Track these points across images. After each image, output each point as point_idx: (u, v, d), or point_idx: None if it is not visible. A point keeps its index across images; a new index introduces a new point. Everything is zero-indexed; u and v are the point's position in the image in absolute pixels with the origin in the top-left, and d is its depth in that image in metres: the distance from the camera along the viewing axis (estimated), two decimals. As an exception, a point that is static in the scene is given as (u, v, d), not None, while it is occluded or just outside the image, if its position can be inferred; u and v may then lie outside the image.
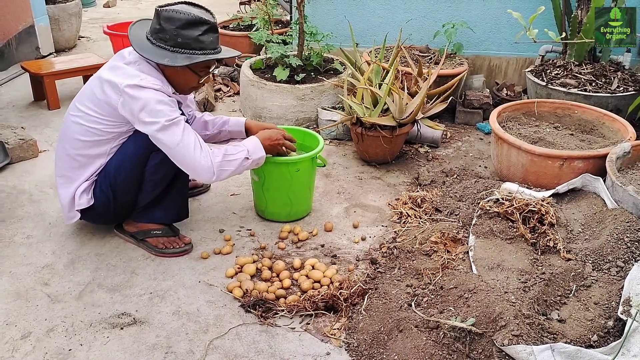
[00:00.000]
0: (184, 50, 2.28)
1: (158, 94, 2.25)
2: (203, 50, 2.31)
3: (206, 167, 2.29)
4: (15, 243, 2.62)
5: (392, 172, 3.36)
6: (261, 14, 4.62)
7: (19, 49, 5.06)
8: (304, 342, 2.09)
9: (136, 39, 2.34)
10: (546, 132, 3.17)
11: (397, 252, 2.52)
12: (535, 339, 1.85)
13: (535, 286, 2.10)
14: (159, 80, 2.30)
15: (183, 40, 2.26)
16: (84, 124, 2.37)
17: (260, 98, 3.86)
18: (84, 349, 2.03)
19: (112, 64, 2.38)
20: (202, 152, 2.29)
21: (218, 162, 2.32)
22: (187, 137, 2.26)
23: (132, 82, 2.23)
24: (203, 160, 2.28)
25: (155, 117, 2.22)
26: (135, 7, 7.99)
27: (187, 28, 2.26)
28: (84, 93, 2.43)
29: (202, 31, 2.28)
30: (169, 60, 2.26)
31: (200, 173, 2.31)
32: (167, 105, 2.25)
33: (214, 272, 2.45)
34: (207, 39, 2.30)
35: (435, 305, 2.11)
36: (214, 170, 2.31)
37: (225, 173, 2.37)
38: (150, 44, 2.32)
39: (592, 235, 2.39)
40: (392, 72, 3.31)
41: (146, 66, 2.33)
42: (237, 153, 2.39)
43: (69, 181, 2.46)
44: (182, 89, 2.44)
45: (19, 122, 3.92)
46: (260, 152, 2.47)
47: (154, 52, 2.29)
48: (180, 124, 2.26)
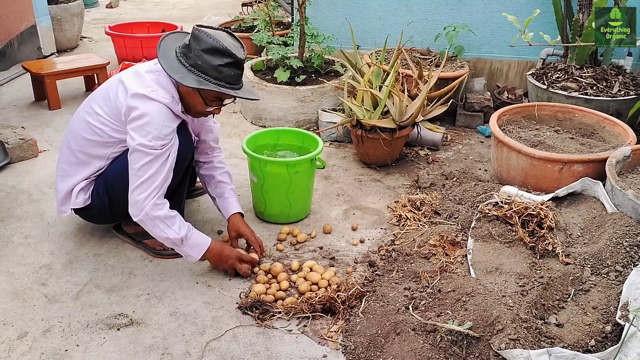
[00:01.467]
0: (199, 73, 2.20)
1: (164, 113, 2.22)
2: (218, 81, 2.21)
3: (137, 206, 2.23)
4: (13, 243, 2.62)
5: (392, 175, 3.35)
6: (262, 15, 4.62)
7: (21, 48, 5.07)
8: (300, 345, 2.08)
9: (164, 47, 2.29)
10: (546, 135, 3.16)
11: (395, 255, 2.52)
12: (533, 343, 1.84)
13: (534, 290, 2.09)
14: (170, 95, 2.26)
15: (202, 63, 2.18)
16: (90, 122, 2.36)
17: (261, 100, 3.86)
18: (80, 349, 2.03)
19: (137, 68, 2.36)
20: (142, 194, 2.21)
21: (154, 215, 2.22)
22: (142, 172, 2.20)
23: (142, 91, 2.21)
24: (138, 197, 2.21)
25: (136, 134, 2.19)
26: (138, 8, 7.99)
27: (210, 54, 2.17)
28: (99, 91, 2.42)
29: (224, 63, 2.19)
30: (181, 77, 2.20)
31: (130, 204, 2.26)
32: (160, 130, 2.19)
33: (212, 273, 2.45)
34: (226, 72, 2.21)
35: (432, 309, 2.10)
36: (141, 214, 2.23)
37: (148, 228, 2.27)
38: (174, 56, 2.27)
39: (591, 239, 2.38)
40: (393, 75, 3.31)
41: (165, 79, 2.28)
42: (171, 231, 2.25)
43: (66, 175, 2.47)
44: (190, 110, 2.39)
45: (20, 121, 3.92)
46: (197, 254, 2.33)
47: (172, 65, 2.23)
48: (148, 156, 2.19)
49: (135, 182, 2.23)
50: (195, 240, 2.33)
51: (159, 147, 2.20)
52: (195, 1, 8.59)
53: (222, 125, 3.84)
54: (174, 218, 2.29)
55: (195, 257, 2.35)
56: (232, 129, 3.95)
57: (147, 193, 2.22)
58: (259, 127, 3.94)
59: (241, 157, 3.42)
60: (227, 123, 4.00)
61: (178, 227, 2.28)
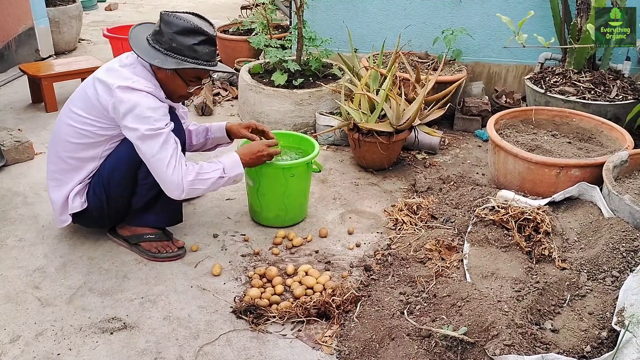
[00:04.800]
0: (176, 55, 2.27)
1: (150, 98, 2.26)
2: (195, 60, 2.29)
3: (175, 184, 2.28)
4: (7, 245, 2.61)
5: (389, 179, 3.34)
6: (260, 18, 4.61)
7: (19, 51, 5.06)
8: (294, 349, 2.07)
9: (135, 38, 2.35)
10: (544, 139, 3.15)
11: (391, 259, 2.51)
12: (528, 348, 1.82)
13: (529, 295, 2.08)
14: (151, 84, 2.30)
15: (177, 45, 2.26)
16: (75, 125, 2.36)
17: (258, 103, 3.85)
18: (73, 353, 2.02)
19: (108, 65, 2.39)
20: (174, 169, 2.26)
21: (189, 180, 2.30)
22: (164, 151, 2.25)
23: (124, 83, 2.24)
24: (174, 176, 2.27)
25: (138, 124, 2.22)
26: (137, 11, 8.00)
27: (183, 35, 2.26)
28: (77, 94, 2.43)
29: (198, 41, 2.27)
30: (159, 61, 2.26)
31: (169, 188, 2.31)
32: (156, 112, 2.25)
33: (207, 277, 2.44)
34: (201, 50, 2.29)
35: (427, 314, 2.09)
36: (183, 188, 2.29)
37: (197, 191, 2.36)
38: (147, 44, 2.33)
39: (587, 244, 2.37)
40: (390, 78, 3.30)
41: (141, 70, 2.33)
42: (211, 171, 2.37)
43: (60, 184, 2.46)
44: (171, 96, 2.42)
45: (16, 124, 3.91)
46: (238, 169, 2.43)
47: (147, 52, 2.29)
48: (160, 136, 2.24)
49: (161, 166, 2.26)
50: (229, 162, 2.42)
51: (164, 126, 2.26)
52: (194, 4, 8.59)
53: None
54: (201, 166, 2.36)
55: (241, 172, 2.44)
56: (229, 132, 3.93)
57: (178, 169, 2.28)
58: (256, 130, 3.93)
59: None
60: (224, 126, 3.99)
61: (210, 167, 2.37)
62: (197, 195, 2.40)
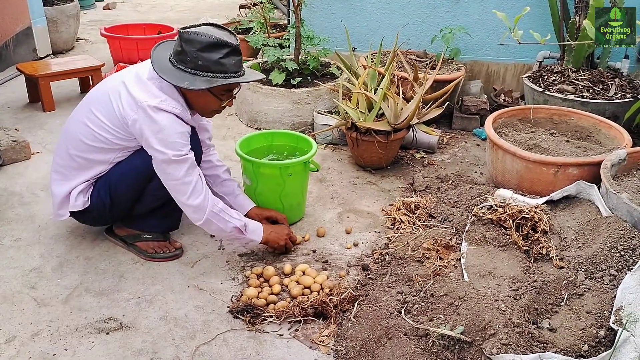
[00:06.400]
0: (204, 74, 2.19)
1: (177, 121, 2.22)
2: (224, 74, 2.21)
3: (198, 209, 2.28)
4: (3, 245, 2.60)
5: (387, 178, 3.34)
6: (258, 17, 4.61)
7: (16, 50, 5.05)
8: (291, 349, 2.06)
9: (158, 60, 2.26)
10: (542, 138, 3.15)
11: (389, 259, 2.50)
12: (525, 348, 1.82)
13: (527, 294, 2.07)
14: (179, 105, 2.26)
15: (203, 62, 2.18)
16: (92, 127, 2.32)
17: (256, 102, 3.85)
18: (69, 354, 2.01)
19: (138, 72, 2.30)
20: (200, 195, 2.27)
21: (214, 211, 2.30)
22: (189, 177, 2.25)
23: (153, 102, 2.18)
24: (197, 201, 2.27)
25: (165, 148, 2.19)
26: (135, 10, 7.98)
27: (207, 50, 2.17)
28: (100, 96, 2.36)
29: (223, 54, 2.19)
30: (188, 83, 2.18)
31: (190, 211, 2.31)
32: (182, 137, 2.23)
33: (204, 277, 2.43)
34: (228, 62, 2.21)
35: (425, 313, 2.08)
36: (205, 215, 2.29)
37: (212, 226, 2.34)
38: (171, 65, 2.24)
39: (585, 243, 2.36)
40: (388, 77, 3.29)
41: (168, 86, 2.26)
42: (234, 219, 2.36)
43: (64, 179, 2.43)
44: (204, 112, 2.39)
45: (13, 123, 3.90)
46: (256, 236, 2.43)
47: (174, 75, 2.21)
48: (186, 162, 2.24)
49: (186, 190, 2.26)
50: (252, 225, 2.43)
51: (188, 152, 2.25)
52: (193, 3, 8.58)
53: (218, 128, 3.84)
54: (228, 208, 2.37)
55: (257, 240, 2.44)
56: (227, 132, 3.93)
57: (203, 194, 2.28)
58: (254, 129, 3.92)
59: (235, 160, 3.38)
60: (222, 125, 3.98)
61: (236, 215, 2.38)
62: (208, 230, 2.38)
